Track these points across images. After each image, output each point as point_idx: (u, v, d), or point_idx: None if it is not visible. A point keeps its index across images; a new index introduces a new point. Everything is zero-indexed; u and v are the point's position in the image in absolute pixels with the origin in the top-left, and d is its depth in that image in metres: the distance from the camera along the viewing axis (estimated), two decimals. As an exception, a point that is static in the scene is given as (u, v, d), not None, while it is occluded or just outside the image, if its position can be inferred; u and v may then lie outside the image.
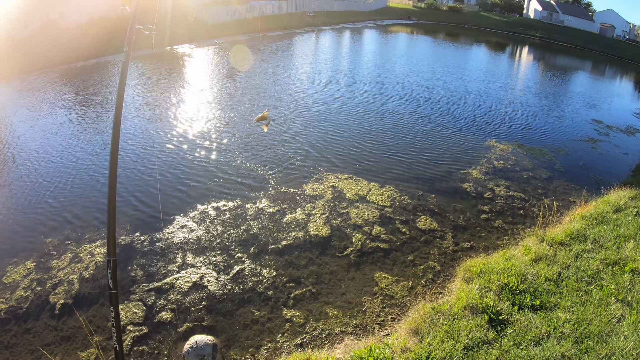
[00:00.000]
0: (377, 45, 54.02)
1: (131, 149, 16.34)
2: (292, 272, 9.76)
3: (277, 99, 23.72)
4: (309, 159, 15.54)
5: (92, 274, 9.61)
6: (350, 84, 28.72)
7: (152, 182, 13.85)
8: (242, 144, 16.89)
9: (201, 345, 7.41)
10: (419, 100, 24.60)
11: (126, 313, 8.48)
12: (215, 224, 11.49)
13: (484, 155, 16.78)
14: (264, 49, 43.46)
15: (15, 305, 8.94)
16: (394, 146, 17.13)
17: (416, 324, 7.34)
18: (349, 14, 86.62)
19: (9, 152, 16.76)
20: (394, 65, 37.10)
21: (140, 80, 28.73)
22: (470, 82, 31.84)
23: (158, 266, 9.85)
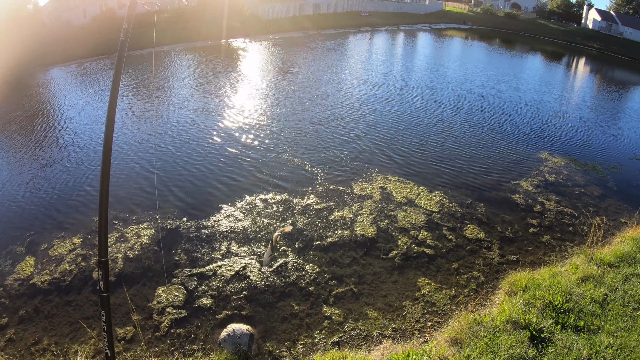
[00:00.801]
0: (430, 49, 53.55)
1: (180, 138, 16.56)
2: (335, 270, 9.67)
3: (327, 97, 23.71)
4: (359, 159, 15.43)
5: (137, 254, 9.73)
6: (401, 87, 28.45)
7: (201, 170, 14.00)
8: (291, 139, 16.93)
9: (238, 333, 7.40)
10: (471, 108, 24.17)
11: (167, 295, 8.54)
12: (262, 216, 11.50)
13: (536, 168, 16.39)
14: (317, 47, 43.57)
15: (58, 278, 9.12)
16: (444, 152, 16.88)
17: (456, 333, 7.17)
18: (403, 16, 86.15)
19: (56, 133, 17.19)
20: (447, 70, 36.67)
21: (190, 71, 29.06)
22: (525, 92, 31.14)
23: (202, 252, 9.91)
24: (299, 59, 36.38)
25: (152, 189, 12.75)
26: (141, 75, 27.27)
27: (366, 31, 62.47)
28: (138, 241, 10.16)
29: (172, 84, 25.84)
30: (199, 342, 7.51)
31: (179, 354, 7.23)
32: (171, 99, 22.26)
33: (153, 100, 22.09)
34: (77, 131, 18.01)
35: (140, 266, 9.39)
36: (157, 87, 24.62)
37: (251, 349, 7.36)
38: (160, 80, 26.66)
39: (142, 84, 25.22)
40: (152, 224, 10.84)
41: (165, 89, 24.62)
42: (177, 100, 21.95)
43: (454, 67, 38.82)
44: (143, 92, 23.50)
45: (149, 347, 7.31)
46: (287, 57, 37.19)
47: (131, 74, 27.44)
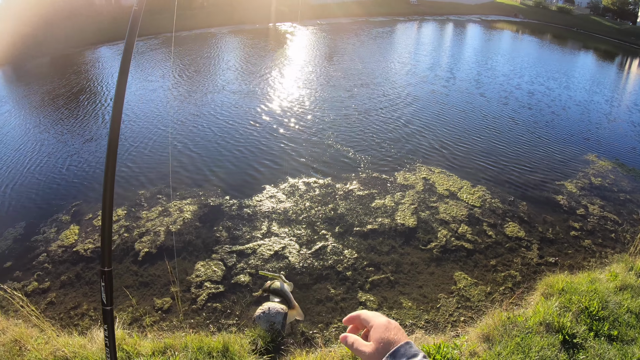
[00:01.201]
0: (479, 41, 52.71)
1: (223, 119, 16.78)
2: (373, 257, 9.70)
3: (373, 85, 23.55)
4: (403, 149, 15.35)
5: (179, 228, 9.88)
6: (448, 79, 28.09)
7: (243, 152, 14.16)
8: (336, 125, 16.92)
9: (273, 312, 7.47)
10: (518, 105, 23.75)
11: (206, 270, 8.68)
12: (304, 199, 11.58)
13: (582, 169, 16.09)
14: (365, 34, 43.43)
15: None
16: (488, 148, 16.67)
17: (488, 330, 7.14)
18: (454, 6, 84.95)
19: (100, 110, 17.63)
20: (495, 64, 36.06)
21: (236, 53, 29.26)
22: (575, 91, 30.45)
23: (243, 230, 10.02)
24: (345, 45, 36.35)
25: (194, 167, 12.96)
26: (187, 56, 27.55)
27: (415, 20, 61.95)
28: (180, 216, 10.33)
29: (216, 65, 26.06)
30: (234, 317, 7.63)
31: (214, 327, 7.36)
32: (216, 81, 22.44)
33: (198, 82, 22.33)
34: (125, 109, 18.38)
35: (181, 240, 9.55)
36: (202, 69, 24.84)
37: (284, 328, 7.44)
38: (205, 61, 26.91)
39: (187, 65, 25.48)
40: (195, 200, 11.01)
41: (210, 70, 24.84)
42: (221, 82, 22.13)
43: (503, 61, 38.20)
44: (188, 72, 23.74)
45: (186, 318, 7.46)
46: (334, 42, 37.16)
47: (178, 54, 27.73)
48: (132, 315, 7.57)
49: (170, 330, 7.19)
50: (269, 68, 25.44)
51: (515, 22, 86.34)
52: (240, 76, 23.42)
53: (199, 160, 13.46)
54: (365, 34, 43.32)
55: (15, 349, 6.17)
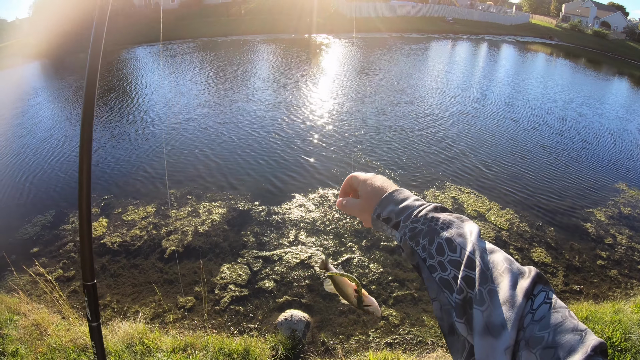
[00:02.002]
0: (513, 63, 52.41)
1: (251, 126, 16.95)
2: (398, 273, 9.65)
3: (402, 103, 23.47)
4: (432, 167, 15.26)
5: (207, 230, 9.95)
6: (478, 100, 27.91)
7: (274, 160, 14.22)
8: (366, 140, 16.88)
9: (296, 319, 7.49)
10: (549, 130, 23.51)
11: (231, 273, 8.71)
12: (333, 210, 11.53)
13: (612, 198, 15.91)
14: (399, 50, 43.50)
15: (128, 242, 9.45)
16: (518, 171, 16.52)
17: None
18: (488, 26, 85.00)
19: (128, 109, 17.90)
20: (528, 87, 35.74)
21: (269, 62, 29.43)
22: (607, 119, 30.00)
23: (270, 237, 10.04)
24: (379, 60, 36.42)
25: (225, 171, 13.05)
26: (218, 62, 27.77)
27: (449, 38, 61.99)
28: (209, 218, 10.40)
29: (247, 73, 26.21)
30: (256, 322, 7.64)
31: (235, 330, 7.38)
32: (246, 89, 22.56)
33: (225, 89, 22.50)
34: (147, 109, 18.63)
35: (208, 241, 9.61)
36: (232, 75, 25.04)
37: (305, 336, 7.45)
38: (236, 68, 27.10)
39: (218, 70, 25.66)
40: (224, 204, 11.09)
41: (240, 77, 25.00)
42: (254, 90, 22.25)
43: (536, 84, 37.90)
44: (217, 78, 23.94)
45: (208, 318, 7.50)
46: (367, 57, 37.28)
47: (210, 59, 27.98)
48: (154, 311, 7.63)
49: (191, 329, 7.22)
50: (302, 79, 25.59)
51: (549, 45, 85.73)
52: (272, 86, 23.56)
53: (232, 165, 13.56)
54: (399, 50, 43.42)
55: (36, 332, 6.26)
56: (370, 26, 52.98)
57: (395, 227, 1.47)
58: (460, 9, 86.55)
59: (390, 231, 1.50)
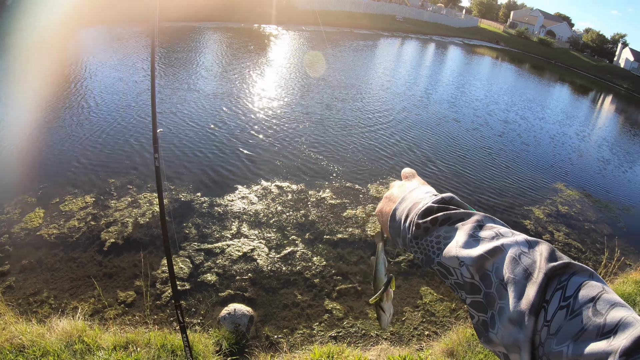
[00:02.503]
0: (459, 64, 53.52)
1: (197, 117, 16.62)
2: (341, 266, 9.65)
3: (348, 99, 23.54)
4: (376, 162, 15.37)
5: (147, 221, 9.70)
6: (423, 99, 28.46)
7: (216, 152, 13.98)
8: (310, 133, 16.87)
9: (239, 314, 7.38)
10: (491, 131, 24.06)
11: (173, 266, 8.55)
12: (276, 202, 11.47)
13: (550, 197, 16.40)
14: (348, 45, 43.64)
15: (66, 233, 9.11)
16: (460, 169, 16.82)
17: (453, 345, 7.19)
18: (438, 27, 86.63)
19: (69, 95, 17.31)
20: (472, 88, 36.59)
21: (216, 51, 29.07)
22: (548, 123, 31.12)
23: (212, 229, 9.88)
24: (327, 55, 36.38)
25: (166, 161, 12.74)
26: (161, 48, 27.03)
27: (398, 37, 62.85)
28: (150, 208, 10.13)
29: (191, 61, 25.69)
30: (198, 317, 7.50)
31: (178, 325, 7.24)
32: (188, 78, 22.07)
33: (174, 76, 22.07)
34: (84, 95, 17.91)
35: (149, 233, 9.37)
36: (175, 63, 24.51)
37: (249, 330, 7.35)
38: (179, 56, 26.52)
39: (161, 57, 24.97)
40: (165, 194, 10.74)
41: (183, 65, 24.46)
42: (196, 79, 21.82)
43: (480, 86, 38.86)
44: (159, 65, 23.37)
45: (150, 313, 7.31)
46: (316, 50, 37.19)
47: (163, 47, 27.35)
48: (94, 307, 7.38)
49: (133, 325, 7.02)
50: (248, 69, 25.28)
51: (496, 49, 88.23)
52: (217, 75, 23.18)
53: (172, 156, 13.20)
54: (349, 45, 43.60)
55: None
56: (321, 20, 52.90)
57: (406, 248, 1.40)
58: (411, 9, 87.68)
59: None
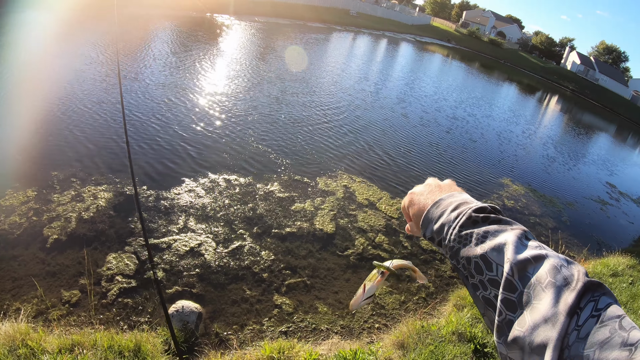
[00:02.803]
0: (410, 61, 54.15)
1: (146, 107, 16.20)
2: (290, 260, 9.62)
3: (298, 93, 23.44)
4: (325, 156, 15.39)
5: (92, 216, 9.43)
6: (372, 94, 28.63)
7: (162, 143, 13.69)
8: (259, 126, 16.69)
9: (187, 311, 7.26)
10: (439, 127, 24.51)
11: (118, 263, 8.30)
12: (224, 196, 11.34)
13: (496, 192, 16.81)
14: (300, 38, 43.54)
15: (7, 230, 8.76)
16: (408, 164, 17.05)
17: (403, 337, 7.27)
18: (390, 23, 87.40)
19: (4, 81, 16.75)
20: (422, 85, 37.09)
21: (163, 41, 28.52)
22: (495, 121, 31.96)
23: (159, 224, 9.68)
24: (279, 46, 36.18)
25: (112, 151, 12.42)
26: (108, 35, 26.22)
27: (351, 31, 63.10)
28: (94, 203, 9.85)
29: (137, 50, 25.00)
30: (145, 315, 7.34)
31: (125, 324, 7.05)
32: (133, 67, 21.48)
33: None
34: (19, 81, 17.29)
35: (93, 229, 9.10)
36: (120, 51, 23.82)
37: (198, 328, 7.25)
38: (125, 44, 25.75)
39: (105, 46, 24.16)
40: (110, 187, 10.52)
41: (129, 54, 23.76)
42: (139, 69, 21.25)
43: (430, 82, 39.50)
44: (104, 54, 22.64)
45: (95, 313, 7.11)
46: (267, 42, 36.96)
47: (98, 33, 26.54)
48: (37, 308, 7.12)
49: (78, 325, 6.82)
50: (198, 60, 24.77)
51: (447, 47, 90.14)
52: (167, 65, 22.66)
53: (117, 146, 12.85)
54: (301, 38, 43.48)
55: None
56: (274, 11, 52.52)
57: (439, 245, 1.43)
58: (365, 4, 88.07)
59: (437, 247, 1.46)
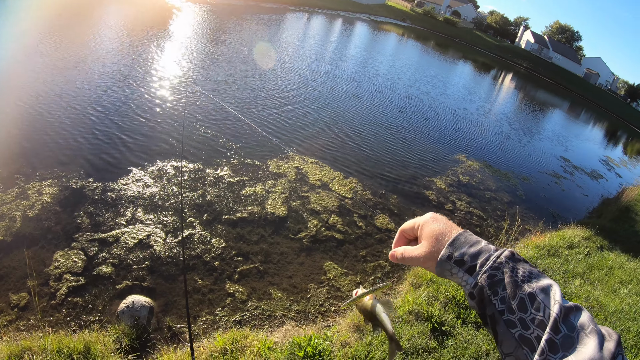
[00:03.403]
0: (365, 41, 54.26)
1: (91, 94, 15.73)
2: (241, 246, 9.57)
3: (249, 75, 23.18)
4: (277, 136, 15.35)
5: (37, 213, 9.19)
6: (326, 74, 28.66)
7: (108, 131, 13.33)
8: (208, 110, 16.52)
9: (137, 306, 7.15)
10: (392, 106, 24.76)
11: (65, 261, 8.11)
12: (172, 184, 11.19)
13: (451, 168, 17.06)
14: (253, 20, 43.10)
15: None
16: (362, 143, 17.16)
17: (359, 320, 7.27)
18: (345, 2, 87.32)
19: None
20: (376, 64, 37.26)
21: (113, 25, 27.86)
22: (449, 98, 32.65)
23: (106, 217, 9.49)
24: (229, 29, 35.71)
25: (56, 144, 12.07)
26: (49, 21, 25.32)
27: (306, 11, 62.74)
28: (39, 199, 9.60)
29: (81, 37, 24.20)
30: (96, 313, 7.21)
31: (75, 325, 6.91)
32: (76, 56, 20.81)
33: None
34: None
35: (39, 227, 8.87)
36: (63, 39, 23.05)
37: (150, 323, 7.16)
38: (68, 31, 24.91)
39: (47, 34, 23.28)
40: (55, 182, 10.25)
41: (73, 42, 22.97)
42: (83, 57, 20.59)
43: (384, 62, 39.72)
44: (46, 43, 21.90)
45: (44, 316, 6.94)
46: (218, 24, 36.43)
47: (36, 19, 25.59)
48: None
49: (28, 330, 6.66)
50: (146, 44, 24.21)
51: (402, 26, 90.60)
52: (113, 50, 22.08)
53: (61, 137, 12.45)
54: (254, 20, 43.07)
55: None
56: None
57: (469, 272, 1.33)
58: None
59: (462, 275, 1.34)
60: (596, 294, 10.18)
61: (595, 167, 29.12)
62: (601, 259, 12.30)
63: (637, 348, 8.64)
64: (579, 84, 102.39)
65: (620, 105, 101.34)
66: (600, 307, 9.70)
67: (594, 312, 9.45)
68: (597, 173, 27.45)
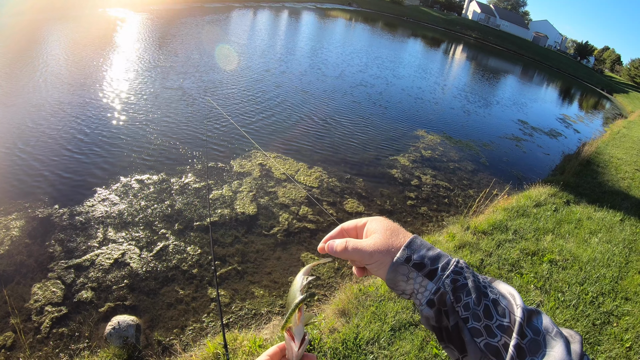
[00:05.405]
0: (313, 29, 54.21)
1: (41, 115, 15.36)
2: (217, 250, 9.62)
3: (198, 77, 22.95)
4: (235, 137, 15.30)
5: (8, 249, 9.05)
6: (277, 68, 28.37)
7: (67, 153, 13.12)
8: (164, 118, 16.32)
9: (124, 326, 7.16)
10: (350, 88, 24.97)
11: (44, 292, 8.06)
12: (139, 198, 11.13)
13: (413, 144, 17.32)
14: (198, 22, 42.71)
15: None
16: (321, 130, 17.31)
17: (343, 305, 7.41)
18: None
19: None
20: (326, 53, 37.22)
21: (58, 42, 27.34)
22: (403, 76, 32.87)
23: (78, 242, 9.42)
24: (175, 34, 35.32)
25: (14, 176, 11.84)
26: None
27: (250, 7, 62.21)
28: (8, 234, 9.48)
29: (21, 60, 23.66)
30: (84, 340, 7.20)
31: (65, 355, 6.89)
32: (33, 71, 20.37)
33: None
34: None
35: (12, 262, 8.77)
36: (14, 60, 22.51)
37: (139, 340, 7.18)
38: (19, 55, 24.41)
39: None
40: (21, 214, 10.09)
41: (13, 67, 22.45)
42: (40, 72, 20.23)
43: (334, 49, 40.08)
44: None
45: (32, 352, 6.90)
46: (163, 31, 35.98)
47: None
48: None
49: (18, 369, 6.63)
50: (94, 57, 23.83)
51: (349, 11, 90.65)
52: (61, 66, 21.64)
53: (18, 167, 12.13)
54: (199, 22, 42.60)
55: None
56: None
57: (428, 277, 1.23)
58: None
59: (421, 281, 1.23)
60: (568, 247, 10.51)
61: (553, 126, 30.15)
62: (569, 213, 12.69)
63: (614, 292, 8.94)
64: (529, 47, 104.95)
65: (571, 63, 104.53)
66: (574, 258, 10.01)
67: (568, 264, 9.77)
68: (555, 132, 28.35)
